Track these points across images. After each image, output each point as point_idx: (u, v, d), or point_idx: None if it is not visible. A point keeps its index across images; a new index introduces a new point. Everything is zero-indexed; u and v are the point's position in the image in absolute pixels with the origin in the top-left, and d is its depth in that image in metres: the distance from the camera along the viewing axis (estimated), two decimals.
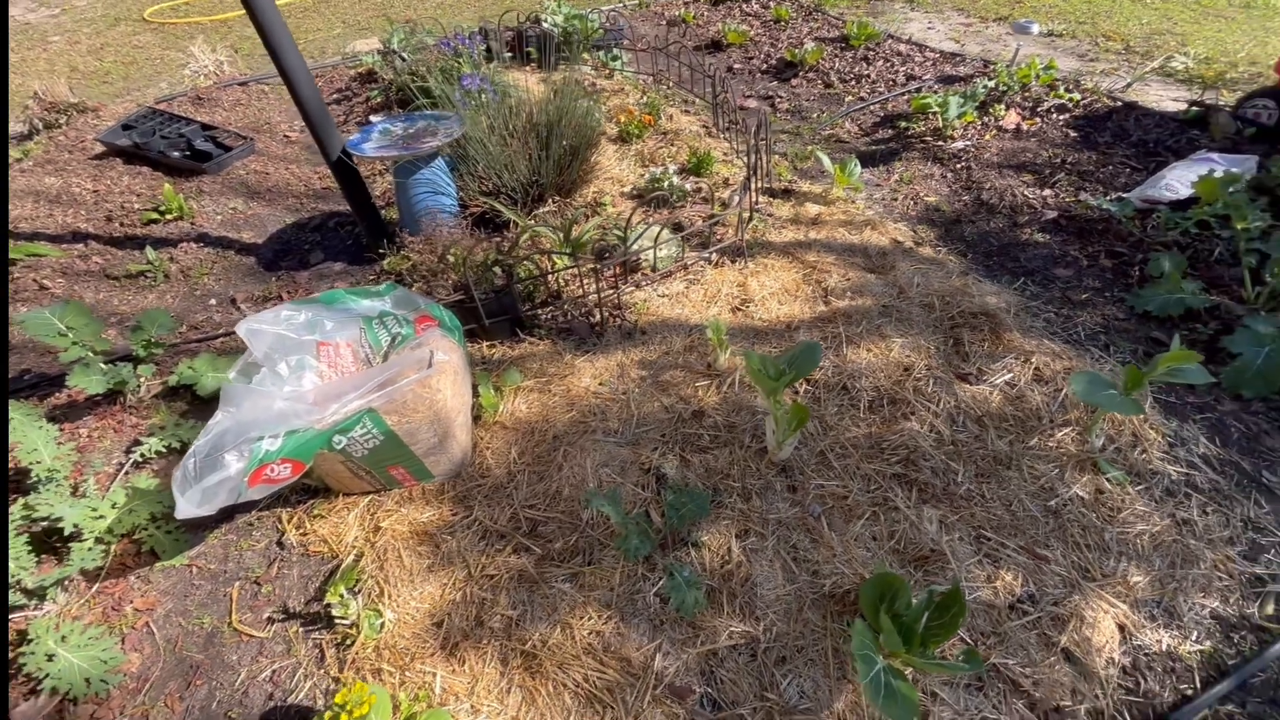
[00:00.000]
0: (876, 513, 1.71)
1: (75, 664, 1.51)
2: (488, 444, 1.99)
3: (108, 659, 1.55)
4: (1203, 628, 1.56)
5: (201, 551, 1.86)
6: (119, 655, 1.58)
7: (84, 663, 1.52)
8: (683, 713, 1.40)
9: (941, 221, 2.97)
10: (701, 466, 1.85)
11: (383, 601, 1.64)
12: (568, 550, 1.70)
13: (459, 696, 1.46)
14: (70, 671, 1.50)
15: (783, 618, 1.53)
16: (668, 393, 2.09)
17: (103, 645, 1.56)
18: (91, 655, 1.54)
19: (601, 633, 1.53)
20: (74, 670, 1.50)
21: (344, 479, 1.81)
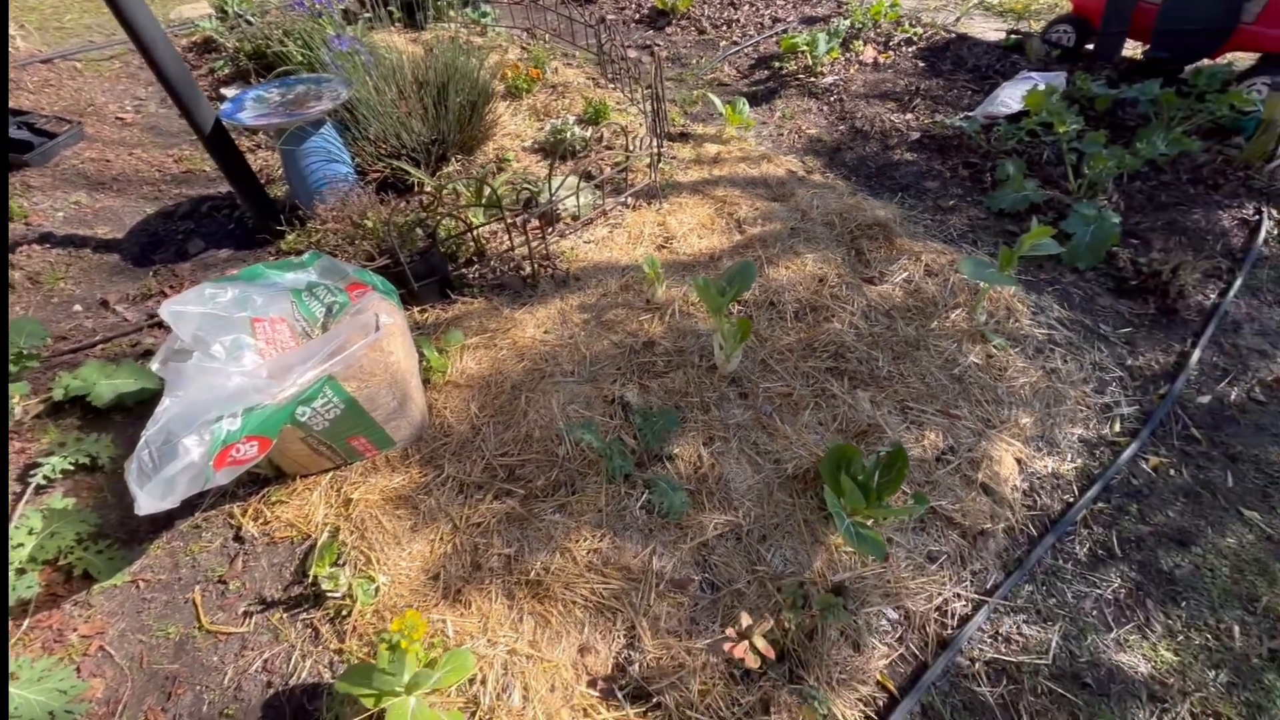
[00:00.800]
0: (818, 402, 1.93)
1: (32, 699, 1.38)
2: (444, 404, 1.98)
3: (67, 688, 1.42)
4: (1074, 450, 1.94)
5: (145, 565, 1.72)
6: (79, 683, 1.45)
7: (42, 697, 1.39)
8: (687, 600, 1.55)
9: (825, 150, 3.24)
10: (660, 390, 1.97)
11: (371, 568, 1.62)
12: (550, 485, 1.76)
13: (473, 635, 1.50)
14: (29, 709, 1.36)
15: (757, 503, 1.70)
16: (614, 330, 2.18)
17: (58, 676, 1.43)
18: (48, 688, 1.40)
19: (599, 550, 1.63)
20: (33, 706, 1.37)
21: (302, 458, 1.73)
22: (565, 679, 1.44)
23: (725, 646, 1.32)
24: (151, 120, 3.61)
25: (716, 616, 1.52)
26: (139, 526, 1.79)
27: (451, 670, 1.37)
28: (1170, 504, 1.83)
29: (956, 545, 1.70)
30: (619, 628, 1.51)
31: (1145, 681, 1.49)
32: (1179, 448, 1.96)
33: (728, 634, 1.34)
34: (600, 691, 1.43)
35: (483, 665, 1.45)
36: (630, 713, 1.39)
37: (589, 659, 1.48)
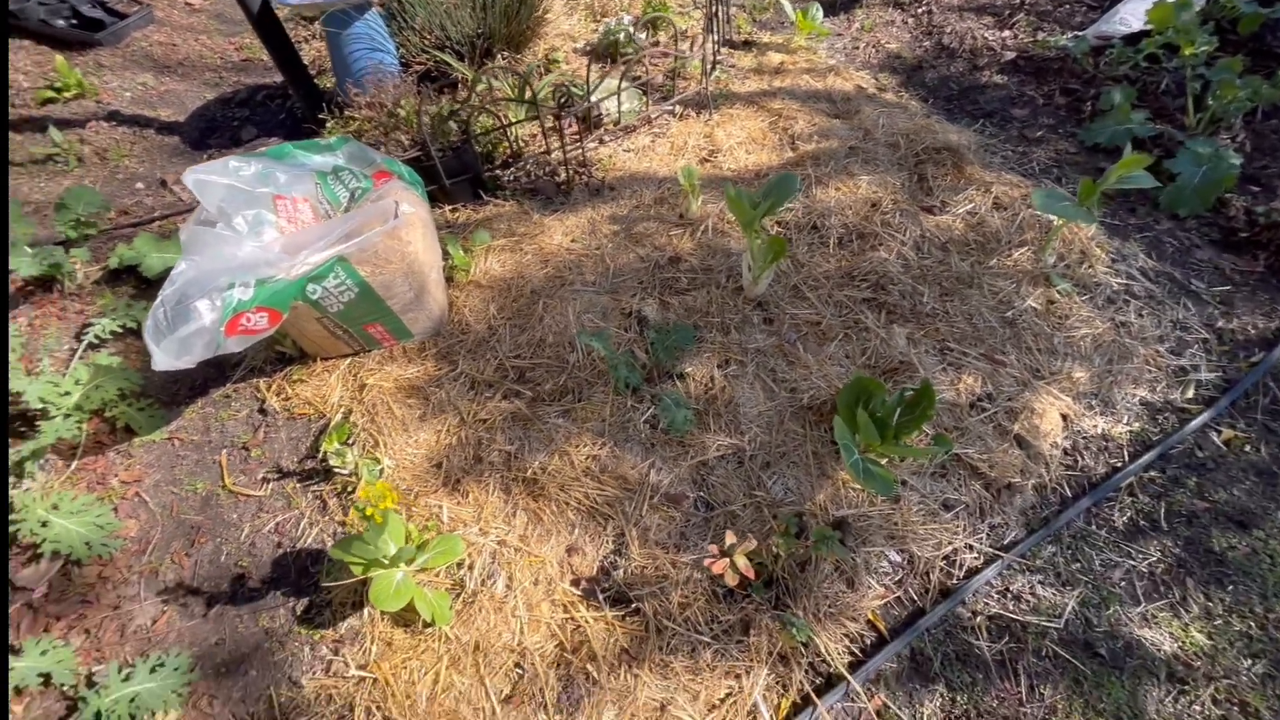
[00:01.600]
0: (848, 334, 1.80)
1: (72, 529, 1.51)
2: (464, 303, 1.97)
3: (104, 524, 1.55)
4: (1132, 412, 1.75)
5: (180, 425, 1.83)
6: (115, 521, 1.59)
7: (80, 528, 1.52)
8: (679, 515, 1.52)
9: (903, 68, 2.92)
10: (681, 307, 1.88)
11: (378, 451, 1.66)
12: (557, 391, 1.74)
13: (466, 523, 1.54)
14: (68, 535, 1.50)
15: (765, 430, 1.63)
16: (641, 244, 2.09)
17: (96, 512, 1.56)
18: (86, 521, 1.53)
19: (598, 457, 1.61)
20: (71, 534, 1.50)
21: (321, 340, 1.77)
22: (550, 574, 1.46)
23: (706, 562, 1.29)
24: (218, 7, 3.63)
25: (707, 535, 1.49)
26: (178, 390, 1.91)
27: (441, 553, 1.41)
28: (1237, 482, 1.64)
29: (977, 496, 1.58)
30: (608, 533, 1.51)
31: (1167, 660, 1.38)
32: (1261, 423, 1.73)
33: (710, 549, 1.31)
34: (582, 591, 1.44)
35: (472, 552, 1.48)
36: (609, 614, 1.40)
37: (575, 559, 1.48)
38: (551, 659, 1.36)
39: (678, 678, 1.33)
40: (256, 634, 1.46)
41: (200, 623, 1.48)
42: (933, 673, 1.38)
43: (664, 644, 1.36)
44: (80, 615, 1.47)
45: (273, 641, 1.44)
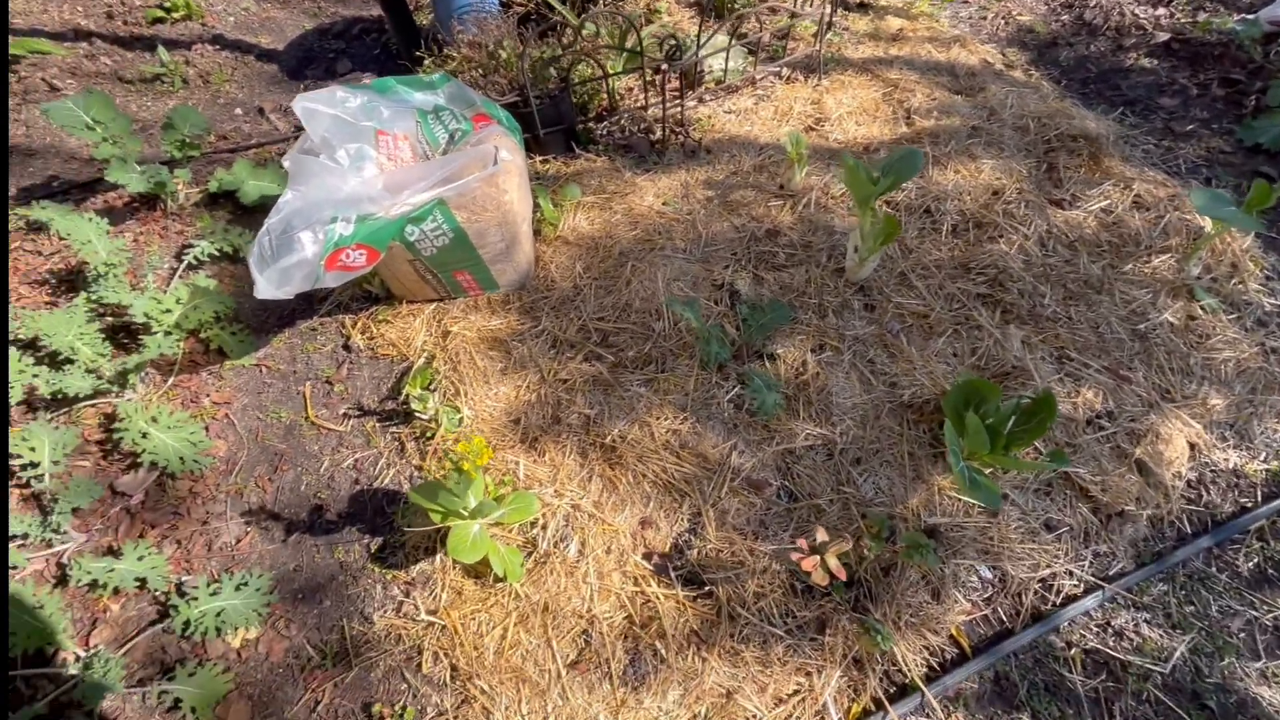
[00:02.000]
0: (958, 330, 1.67)
1: (168, 443, 1.56)
2: (550, 259, 1.92)
3: (196, 441, 1.60)
4: (1272, 449, 1.57)
5: (268, 353, 1.86)
6: (206, 439, 1.63)
7: (175, 443, 1.57)
8: (760, 502, 1.46)
9: (1035, 44, 2.66)
10: (776, 284, 1.78)
11: (458, 400, 1.65)
12: (641, 359, 1.69)
13: (542, 483, 1.52)
14: (164, 448, 1.55)
15: (859, 424, 1.54)
16: (737, 213, 1.98)
17: (190, 429, 1.61)
18: (181, 437, 1.58)
19: (678, 431, 1.56)
20: (167, 448, 1.56)
21: (410, 283, 1.76)
22: (622, 545, 1.43)
23: (794, 556, 1.23)
24: None
25: (789, 526, 1.42)
26: (267, 318, 1.94)
27: (516, 509, 1.40)
28: None
29: (1083, 520, 1.47)
30: (684, 511, 1.46)
31: None
32: None
33: (799, 544, 1.24)
34: (654, 566, 1.41)
35: (546, 512, 1.47)
36: (680, 593, 1.36)
37: (648, 533, 1.45)
38: (620, 630, 1.34)
39: (747, 667, 1.29)
40: (332, 566, 1.49)
41: (280, 547, 1.53)
42: (1017, 700, 1.30)
43: (735, 631, 1.32)
44: (172, 526, 1.53)
45: (347, 575, 1.47)
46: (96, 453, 1.62)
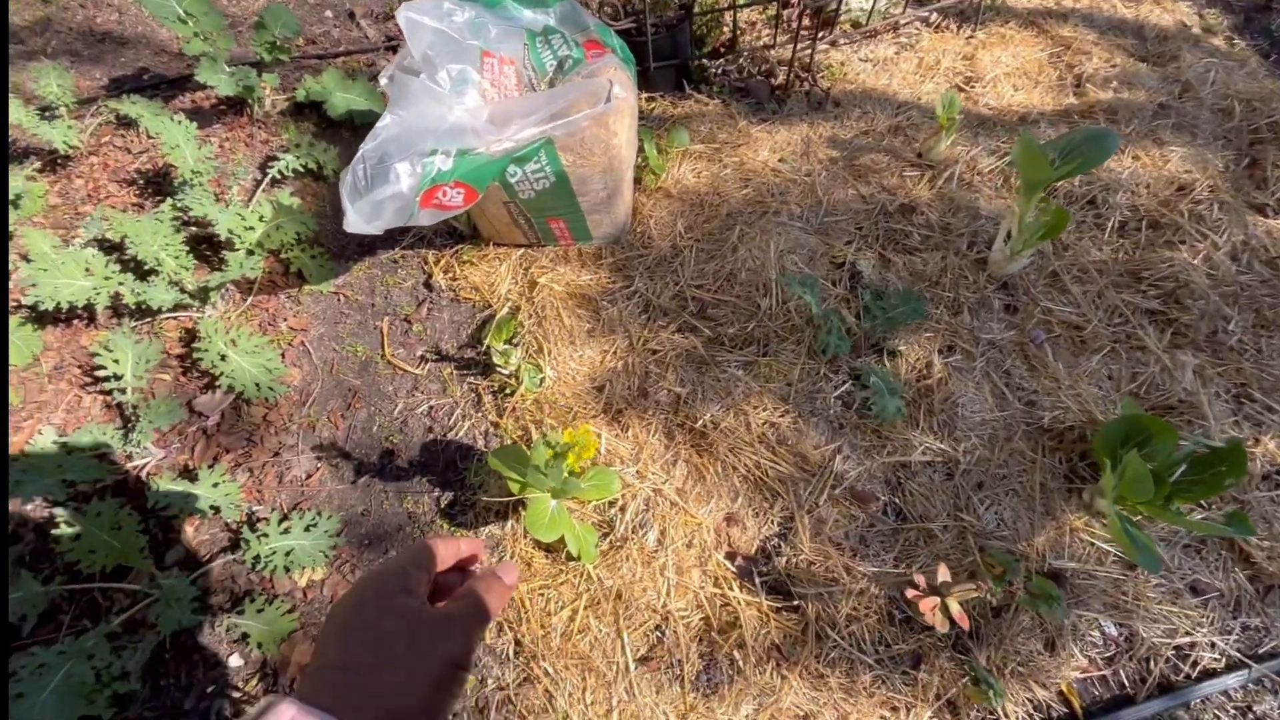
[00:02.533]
0: (1116, 349, 1.44)
1: (245, 367, 1.51)
2: (650, 212, 1.75)
3: (273, 368, 1.55)
4: None
5: (347, 281, 1.78)
6: (282, 367, 1.58)
7: (252, 368, 1.52)
8: (863, 516, 1.32)
9: (1243, 6, 2.22)
10: (905, 269, 1.57)
11: (541, 358, 1.54)
12: (741, 337, 1.53)
13: (623, 460, 1.41)
14: (242, 373, 1.50)
15: (986, 443, 1.36)
16: (866, 180, 1.75)
17: (267, 355, 1.55)
18: (258, 362, 1.53)
19: (777, 425, 1.41)
20: (244, 373, 1.51)
21: (500, 224, 1.63)
22: (704, 540, 1.32)
23: (909, 593, 1.09)
24: None
25: (893, 547, 1.28)
26: (347, 244, 1.85)
27: (596, 486, 1.30)
28: None
29: (1237, 587, 1.27)
30: (775, 513, 1.34)
31: None
32: None
33: (915, 579, 1.10)
34: (737, 568, 1.30)
35: (626, 494, 1.36)
36: (764, 602, 1.25)
37: (734, 531, 1.33)
38: (695, 632, 1.25)
39: (830, 693, 1.18)
40: (400, 515, 1.44)
41: (349, 489, 1.48)
42: None
43: (821, 653, 1.21)
44: (245, 453, 1.50)
45: (415, 527, 1.42)
46: (176, 367, 1.59)
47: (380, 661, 0.40)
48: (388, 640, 0.42)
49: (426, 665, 0.41)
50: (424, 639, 0.42)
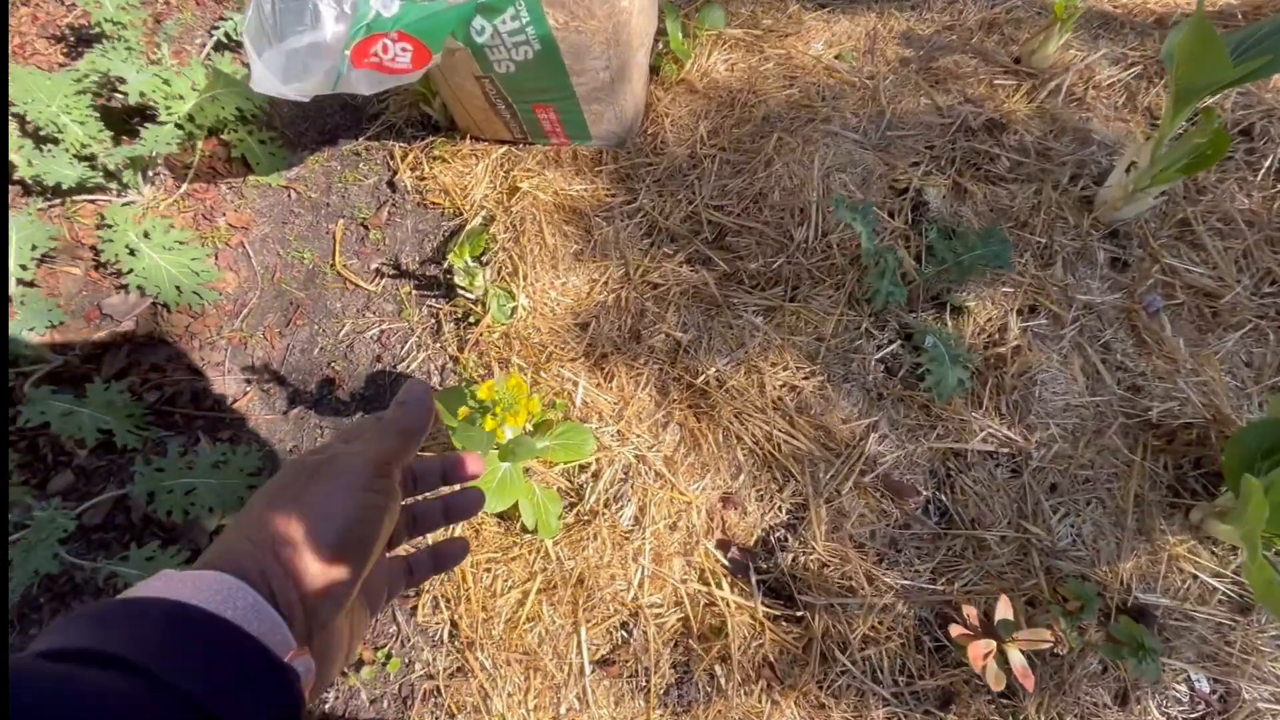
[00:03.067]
0: (1262, 328, 1.10)
1: (163, 266, 1.26)
2: (666, 110, 1.40)
3: (200, 270, 1.29)
4: None
5: (300, 175, 1.49)
6: (213, 270, 1.32)
7: (172, 268, 1.27)
8: (897, 513, 1.03)
9: None
10: (985, 202, 1.22)
11: (516, 282, 1.25)
12: (765, 275, 1.21)
13: (603, 417, 1.14)
14: (157, 273, 1.25)
15: (1068, 435, 1.05)
16: (944, 87, 1.37)
17: (192, 253, 1.29)
18: (180, 261, 1.27)
19: (798, 389, 1.12)
20: (161, 273, 1.25)
21: (476, 111, 1.30)
22: (693, 524, 1.06)
23: (953, 630, 0.82)
24: None
25: (932, 557, 1.00)
26: (305, 131, 1.55)
27: (564, 446, 1.03)
28: None
29: None
30: (785, 498, 1.06)
31: None
32: None
33: (963, 609, 0.83)
34: (730, 561, 1.04)
35: (601, 458, 1.10)
36: (759, 607, 1.00)
37: (730, 515, 1.07)
38: (671, 635, 1.01)
39: None
40: None
41: (279, 420, 1.25)
42: None
43: (825, 677, 0.96)
44: (158, 368, 1.26)
45: None
46: (88, 260, 1.34)
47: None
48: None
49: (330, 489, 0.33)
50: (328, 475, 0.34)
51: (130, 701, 0.23)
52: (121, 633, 0.25)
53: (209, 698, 0.25)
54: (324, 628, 0.32)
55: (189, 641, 0.26)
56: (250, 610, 0.28)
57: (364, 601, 0.38)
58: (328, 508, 0.32)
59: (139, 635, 0.25)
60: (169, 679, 0.25)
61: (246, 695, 0.26)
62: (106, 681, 0.24)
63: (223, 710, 0.25)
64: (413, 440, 0.38)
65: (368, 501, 0.33)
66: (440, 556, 0.44)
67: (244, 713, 0.26)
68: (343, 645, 0.35)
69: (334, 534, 0.32)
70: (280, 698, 0.27)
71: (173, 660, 0.25)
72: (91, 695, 0.23)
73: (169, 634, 0.26)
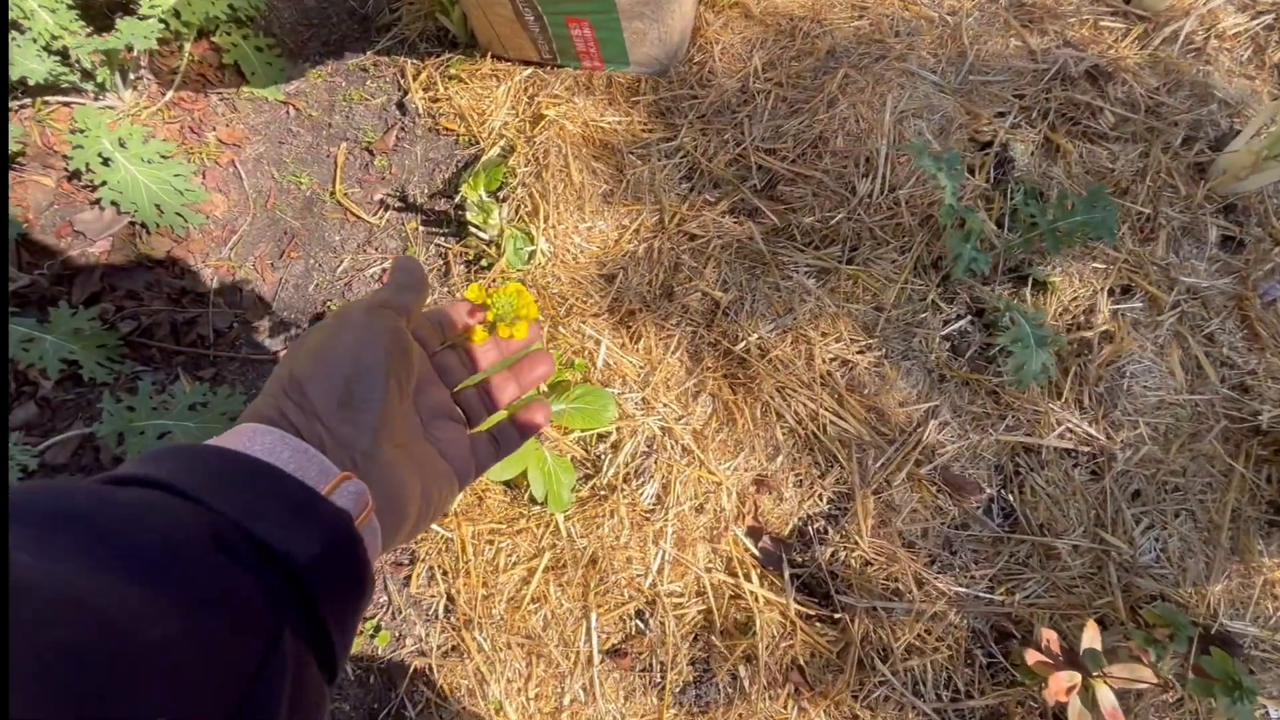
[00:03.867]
0: None
1: (141, 181, 1.12)
2: (716, 36, 1.22)
3: (184, 189, 1.15)
4: None
5: (301, 89, 1.33)
6: (199, 190, 1.18)
7: (152, 184, 1.13)
8: (956, 512, 0.91)
9: None
10: (1082, 163, 1.06)
11: (535, 223, 1.11)
12: (821, 232, 1.06)
13: (627, 381, 1.01)
14: (134, 188, 1.11)
15: (1159, 437, 0.92)
16: (1040, 27, 1.18)
17: (175, 168, 1.15)
18: (161, 177, 1.13)
19: (851, 364, 0.98)
20: (139, 189, 1.11)
21: (501, 20, 1.13)
22: (721, 507, 0.94)
23: (1029, 656, 0.70)
24: None
25: (992, 563, 0.89)
26: (309, 39, 1.39)
27: (582, 411, 0.91)
28: None
29: None
30: (827, 485, 0.94)
31: None
32: None
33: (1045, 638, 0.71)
34: (761, 551, 0.93)
35: (623, 427, 0.98)
36: (791, 605, 0.89)
37: (764, 500, 0.95)
38: (690, 629, 0.90)
39: None
40: None
41: (267, 361, 1.13)
42: None
43: (860, 686, 0.86)
44: (135, 295, 1.13)
45: None
46: (60, 169, 1.20)
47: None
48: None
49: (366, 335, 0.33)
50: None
51: (172, 515, 0.24)
52: (167, 465, 0.26)
53: (251, 522, 0.25)
54: (368, 458, 0.32)
55: (231, 476, 0.27)
56: (279, 442, 0.28)
57: (446, 470, 0.37)
58: (328, 341, 0.33)
59: (183, 468, 0.26)
60: (213, 504, 0.25)
61: (293, 523, 0.26)
62: (151, 496, 0.24)
63: (266, 535, 0.25)
64: (408, 293, 0.37)
65: (364, 328, 0.33)
66: (523, 422, 0.42)
67: (288, 538, 0.25)
68: (407, 499, 0.33)
69: (336, 362, 0.32)
70: (328, 529, 0.27)
71: (216, 490, 0.26)
72: (137, 504, 0.24)
73: (209, 469, 0.27)
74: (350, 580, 0.27)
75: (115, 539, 0.21)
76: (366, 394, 0.32)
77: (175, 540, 0.22)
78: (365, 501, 0.29)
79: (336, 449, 0.31)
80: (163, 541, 0.22)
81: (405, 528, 0.34)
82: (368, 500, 0.30)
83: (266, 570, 0.24)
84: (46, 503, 0.22)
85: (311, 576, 0.25)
